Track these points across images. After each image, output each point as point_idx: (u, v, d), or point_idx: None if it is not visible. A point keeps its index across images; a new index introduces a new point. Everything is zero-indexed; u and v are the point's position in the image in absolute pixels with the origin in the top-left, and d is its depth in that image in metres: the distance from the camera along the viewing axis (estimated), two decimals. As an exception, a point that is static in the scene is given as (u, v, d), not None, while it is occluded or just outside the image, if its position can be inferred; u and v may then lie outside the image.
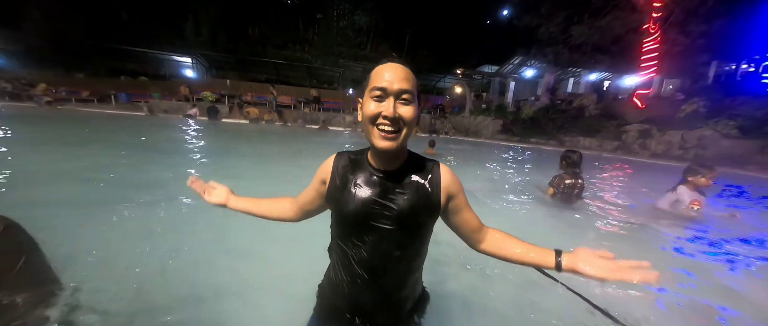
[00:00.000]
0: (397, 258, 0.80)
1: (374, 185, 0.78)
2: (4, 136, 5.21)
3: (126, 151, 4.92)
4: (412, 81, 0.71)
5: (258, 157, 5.71)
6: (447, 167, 0.84)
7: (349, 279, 0.83)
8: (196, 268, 1.77)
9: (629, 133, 10.80)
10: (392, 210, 0.76)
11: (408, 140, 0.75)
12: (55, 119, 8.61)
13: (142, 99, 13.97)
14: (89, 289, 1.36)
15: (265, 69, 21.28)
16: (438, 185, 0.81)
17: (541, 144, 12.52)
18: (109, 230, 2.16)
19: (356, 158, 0.83)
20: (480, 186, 4.57)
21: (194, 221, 2.40)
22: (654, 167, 7.96)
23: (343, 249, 0.83)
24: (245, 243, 2.10)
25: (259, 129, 10.72)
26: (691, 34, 13.40)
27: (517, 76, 19.27)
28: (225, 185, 1.04)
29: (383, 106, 0.69)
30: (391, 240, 0.78)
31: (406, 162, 0.80)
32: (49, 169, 3.53)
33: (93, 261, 1.72)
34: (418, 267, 0.90)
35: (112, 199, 2.68)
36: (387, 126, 0.69)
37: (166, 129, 8.50)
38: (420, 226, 0.81)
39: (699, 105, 10.09)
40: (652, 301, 1.75)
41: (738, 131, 8.75)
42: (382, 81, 0.68)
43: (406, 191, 0.77)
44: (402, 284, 0.85)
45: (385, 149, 0.71)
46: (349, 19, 26.88)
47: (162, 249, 1.94)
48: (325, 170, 0.85)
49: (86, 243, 1.88)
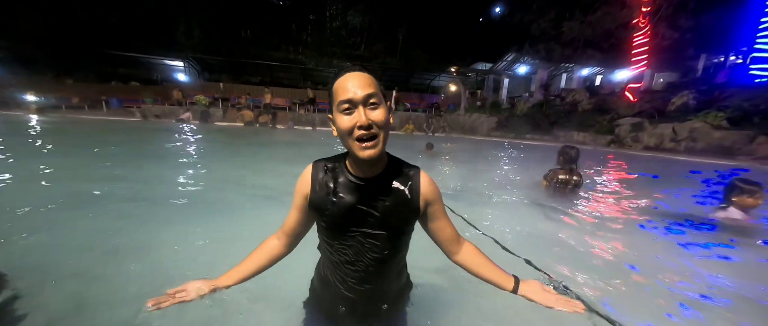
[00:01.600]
0: (380, 260, 0.83)
1: (355, 192, 0.79)
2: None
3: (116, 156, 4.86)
4: (375, 84, 0.72)
5: (253, 157, 5.68)
6: (427, 175, 0.86)
7: (336, 278, 0.88)
8: (182, 259, 1.76)
9: (622, 127, 10.93)
10: (374, 216, 0.79)
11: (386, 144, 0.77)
12: (49, 128, 8.46)
13: (135, 104, 13.80)
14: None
15: (258, 71, 21.15)
16: (417, 191, 0.83)
17: (535, 140, 12.62)
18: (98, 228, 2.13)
19: (333, 165, 0.83)
20: (477, 183, 4.60)
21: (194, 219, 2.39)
22: (647, 160, 8.08)
23: (329, 251, 0.87)
24: (230, 234, 2.12)
25: (254, 131, 10.66)
26: (679, 28, 13.61)
27: (510, 73, 19.40)
28: (200, 280, 0.85)
29: (355, 117, 0.69)
30: (374, 245, 0.81)
31: (386, 169, 0.81)
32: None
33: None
34: (401, 261, 0.95)
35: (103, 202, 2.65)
36: (364, 134, 0.69)
37: (158, 133, 8.41)
38: (402, 230, 0.85)
39: (689, 98, 10.24)
40: (646, 296, 1.77)
41: (727, 122, 8.90)
42: (347, 93, 0.69)
43: (387, 197, 0.79)
44: (387, 279, 0.90)
45: (369, 158, 0.71)
46: (342, 19, 26.82)
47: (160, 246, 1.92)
48: (304, 183, 0.84)
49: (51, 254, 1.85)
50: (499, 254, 1.99)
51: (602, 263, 2.13)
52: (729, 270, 2.00)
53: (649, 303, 1.67)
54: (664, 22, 13.35)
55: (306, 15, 25.73)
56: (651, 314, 1.57)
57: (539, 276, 1.68)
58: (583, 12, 15.02)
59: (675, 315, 1.54)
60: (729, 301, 1.68)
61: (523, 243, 2.28)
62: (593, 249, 2.29)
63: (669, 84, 13.67)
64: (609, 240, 2.48)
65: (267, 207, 2.99)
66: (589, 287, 1.73)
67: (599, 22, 14.74)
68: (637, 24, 12.99)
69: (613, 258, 2.20)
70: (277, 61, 21.36)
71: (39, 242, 1.93)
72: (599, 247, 2.33)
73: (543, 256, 2.00)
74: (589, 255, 2.20)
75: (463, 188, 4.18)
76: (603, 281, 1.82)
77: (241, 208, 2.94)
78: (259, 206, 3.04)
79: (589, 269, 1.98)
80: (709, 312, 1.59)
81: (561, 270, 1.87)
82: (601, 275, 1.88)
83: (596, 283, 1.79)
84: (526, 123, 13.81)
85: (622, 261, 2.16)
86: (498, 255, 1.98)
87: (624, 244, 2.44)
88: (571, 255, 2.19)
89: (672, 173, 6.19)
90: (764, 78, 9.77)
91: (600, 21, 14.69)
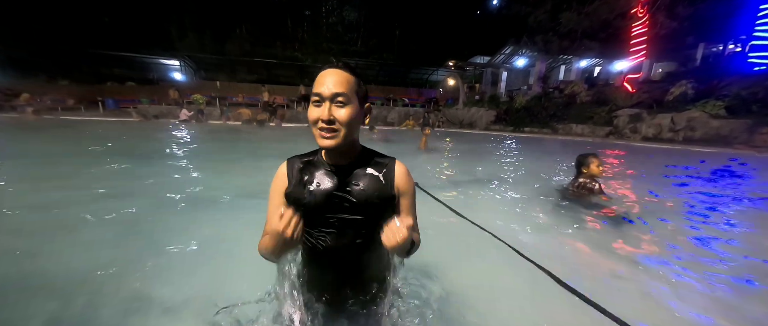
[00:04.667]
0: (359, 245, 0.85)
1: (330, 178, 0.83)
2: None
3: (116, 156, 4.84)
4: (349, 84, 0.76)
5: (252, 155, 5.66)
6: (403, 166, 0.90)
7: (317, 265, 0.90)
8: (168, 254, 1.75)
9: (620, 118, 10.91)
10: (350, 201, 0.82)
11: (355, 137, 0.83)
12: (42, 129, 8.40)
13: (131, 105, 13.71)
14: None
15: (255, 69, 21.00)
16: (391, 179, 0.87)
17: (534, 133, 12.61)
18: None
19: (309, 159, 0.89)
20: (477, 176, 4.59)
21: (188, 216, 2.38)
22: (646, 151, 8.08)
23: (309, 239, 0.88)
24: (210, 228, 2.14)
25: (252, 130, 10.62)
26: (678, 17, 13.52)
27: (508, 66, 19.29)
28: None
29: (321, 110, 0.75)
30: (352, 229, 0.84)
31: (358, 158, 0.86)
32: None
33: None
34: (380, 247, 0.91)
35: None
36: (325, 127, 0.75)
37: (156, 133, 8.37)
38: (379, 214, 0.85)
39: (687, 87, 10.21)
40: (648, 291, 1.78)
41: (725, 111, 8.88)
42: (320, 87, 0.75)
43: (361, 182, 0.83)
44: (366, 267, 0.91)
45: (326, 147, 0.78)
46: (338, 15, 26.56)
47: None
48: (280, 179, 0.88)
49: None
50: (508, 253, 1.99)
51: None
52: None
53: (653, 303, 1.68)
54: (663, 12, 13.26)
55: (301, 11, 25.45)
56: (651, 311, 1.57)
57: (509, 261, 1.68)
58: (581, 2, 14.91)
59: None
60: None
61: (528, 242, 2.28)
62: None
63: (667, 74, 13.61)
64: (610, 227, 2.49)
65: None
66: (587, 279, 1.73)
67: (597, 13, 14.64)
68: (635, 14, 12.89)
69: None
70: (273, 59, 21.21)
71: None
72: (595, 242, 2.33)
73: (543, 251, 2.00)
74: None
75: (414, 192, 4.18)
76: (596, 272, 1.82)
77: (240, 208, 2.93)
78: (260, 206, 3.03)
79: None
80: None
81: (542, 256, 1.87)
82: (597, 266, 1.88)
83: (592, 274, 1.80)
84: (524, 116, 13.79)
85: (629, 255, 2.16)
86: (506, 254, 1.98)
87: (625, 235, 2.44)
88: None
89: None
90: (763, 66, 9.72)
91: (597, 11, 14.59)
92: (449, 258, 1.83)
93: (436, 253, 1.88)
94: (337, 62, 0.78)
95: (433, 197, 2.96)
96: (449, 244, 2.08)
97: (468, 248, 2.10)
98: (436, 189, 3.28)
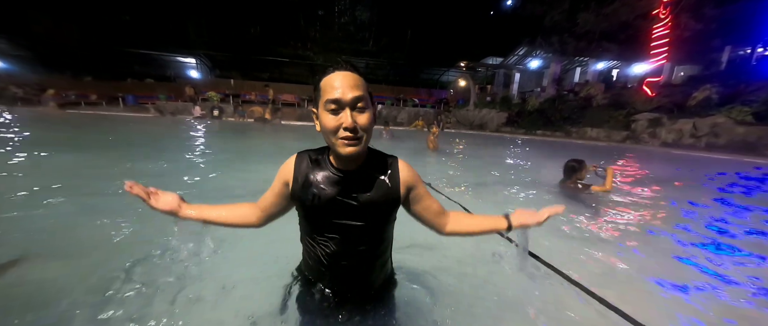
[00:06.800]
0: (363, 251, 0.84)
1: (336, 184, 0.80)
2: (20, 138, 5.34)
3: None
4: (362, 85, 0.72)
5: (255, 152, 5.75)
6: (405, 162, 0.88)
7: (320, 269, 0.89)
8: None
9: (639, 122, 10.56)
10: (355, 208, 0.80)
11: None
12: (74, 122, 8.78)
13: (149, 101, 14.18)
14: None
15: (267, 67, 21.33)
16: (397, 179, 0.84)
17: (547, 136, 12.34)
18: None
19: (317, 157, 0.84)
20: (486, 178, 4.53)
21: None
22: (665, 157, 7.79)
23: (312, 243, 0.87)
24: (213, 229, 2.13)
25: (261, 127, 10.80)
26: (703, 19, 12.96)
27: (521, 67, 18.95)
28: (174, 193, 0.87)
29: (341, 118, 0.70)
30: (356, 235, 0.82)
31: (366, 161, 0.83)
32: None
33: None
34: (384, 251, 0.93)
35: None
36: (349, 136, 0.70)
37: (175, 129, 8.61)
38: (383, 220, 0.85)
39: (711, 92, 9.78)
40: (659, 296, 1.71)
41: (753, 117, 8.47)
42: (334, 93, 0.69)
43: (368, 188, 0.81)
44: (370, 270, 0.90)
45: (350, 154, 0.72)
46: (351, 14, 26.68)
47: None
48: (286, 171, 0.85)
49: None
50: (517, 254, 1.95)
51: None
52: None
53: (658, 302, 1.62)
54: (687, 13, 12.73)
55: (314, 11, 25.70)
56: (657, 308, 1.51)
57: (504, 257, 1.64)
58: (600, 3, 14.50)
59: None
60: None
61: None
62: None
63: (690, 77, 13.07)
64: (624, 231, 2.41)
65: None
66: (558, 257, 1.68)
67: (616, 14, 14.20)
68: (657, 15, 12.44)
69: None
70: (285, 58, 21.49)
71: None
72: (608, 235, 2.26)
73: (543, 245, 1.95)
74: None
75: (421, 179, 4.13)
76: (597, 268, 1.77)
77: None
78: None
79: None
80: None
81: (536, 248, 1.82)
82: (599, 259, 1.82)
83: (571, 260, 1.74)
84: (537, 119, 13.52)
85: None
86: (515, 254, 1.94)
87: (635, 238, 2.36)
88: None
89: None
90: (795, 70, 9.23)
91: (617, 12, 14.16)
92: (456, 257, 1.82)
93: (441, 253, 1.87)
94: (343, 64, 0.72)
95: (443, 195, 2.95)
96: (455, 243, 2.06)
97: (477, 246, 2.07)
98: (445, 187, 3.25)
